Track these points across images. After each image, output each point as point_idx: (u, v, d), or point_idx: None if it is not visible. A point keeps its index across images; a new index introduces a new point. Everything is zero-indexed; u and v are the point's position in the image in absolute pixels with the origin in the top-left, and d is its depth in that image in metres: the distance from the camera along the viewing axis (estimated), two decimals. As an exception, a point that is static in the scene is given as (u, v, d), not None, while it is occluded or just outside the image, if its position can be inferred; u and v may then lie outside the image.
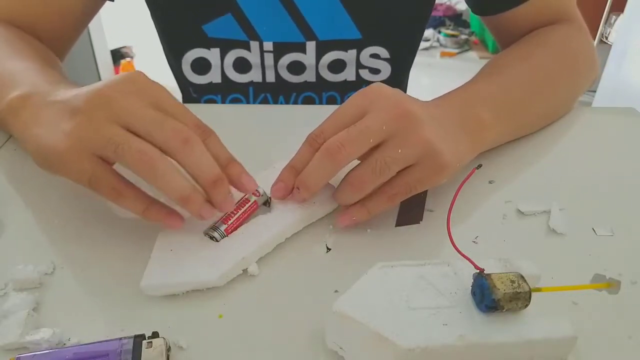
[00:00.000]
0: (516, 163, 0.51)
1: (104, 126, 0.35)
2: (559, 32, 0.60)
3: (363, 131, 0.38)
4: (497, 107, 0.48)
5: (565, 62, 0.57)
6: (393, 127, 0.38)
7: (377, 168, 0.37)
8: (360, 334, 0.29)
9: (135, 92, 0.37)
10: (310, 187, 0.39)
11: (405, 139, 0.38)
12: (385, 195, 0.40)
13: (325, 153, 0.38)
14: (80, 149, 0.36)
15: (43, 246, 0.40)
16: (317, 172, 0.39)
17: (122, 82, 0.37)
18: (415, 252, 0.40)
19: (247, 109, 0.64)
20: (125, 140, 0.34)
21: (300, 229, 0.41)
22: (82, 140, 0.36)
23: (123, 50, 2.71)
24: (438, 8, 3.37)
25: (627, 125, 0.58)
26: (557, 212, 0.43)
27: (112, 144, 0.34)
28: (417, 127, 0.38)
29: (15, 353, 0.30)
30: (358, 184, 0.38)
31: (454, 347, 0.28)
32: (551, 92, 0.55)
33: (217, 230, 0.38)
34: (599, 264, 0.38)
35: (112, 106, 0.36)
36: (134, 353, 0.29)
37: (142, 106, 0.36)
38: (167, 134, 0.35)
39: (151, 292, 0.35)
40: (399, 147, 0.38)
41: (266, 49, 0.66)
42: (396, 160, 0.38)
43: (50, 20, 0.58)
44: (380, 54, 0.67)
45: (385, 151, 0.38)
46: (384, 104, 0.39)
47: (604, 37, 2.17)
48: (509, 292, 0.28)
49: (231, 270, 0.36)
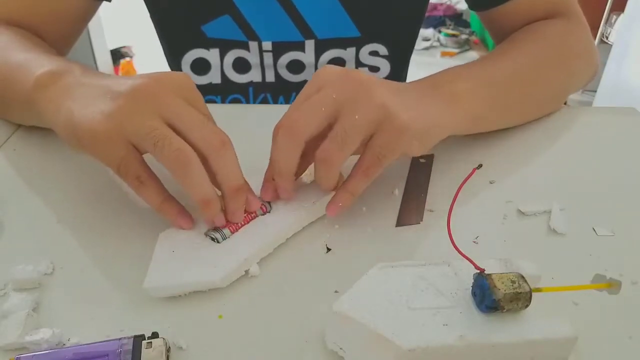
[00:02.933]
0: (516, 163, 0.51)
1: (148, 117, 0.36)
2: (555, 25, 0.59)
3: (314, 102, 0.38)
4: (473, 81, 0.48)
5: (557, 56, 0.57)
6: (344, 95, 0.38)
7: (339, 138, 0.38)
8: (360, 334, 0.29)
9: (177, 91, 0.38)
10: (282, 172, 0.39)
11: (357, 103, 0.38)
12: (359, 171, 0.40)
13: (282, 132, 0.38)
14: (118, 133, 0.36)
15: (43, 246, 0.40)
16: (281, 153, 0.39)
17: (167, 80, 0.38)
18: (415, 252, 0.40)
19: (247, 109, 0.64)
20: (167, 136, 0.35)
21: (300, 229, 0.41)
22: (122, 125, 0.36)
23: (122, 50, 2.71)
24: (438, 8, 3.37)
25: (627, 125, 0.58)
26: (557, 212, 0.43)
27: (152, 137, 0.35)
28: (369, 91, 0.39)
29: (15, 353, 0.30)
30: (327, 158, 0.38)
31: (454, 348, 0.28)
32: (539, 84, 0.55)
33: (219, 231, 0.38)
34: (599, 264, 0.38)
35: (158, 99, 0.36)
36: (134, 353, 0.29)
37: (185, 105, 0.37)
38: (206, 135, 0.36)
39: (154, 293, 0.35)
40: (353, 113, 0.38)
41: (265, 48, 0.66)
42: (354, 127, 0.38)
43: (47, 21, 0.58)
44: (379, 51, 0.67)
45: (343, 121, 0.38)
46: (334, 78, 0.40)
47: (604, 37, 2.17)
48: (509, 293, 0.28)
49: (234, 272, 0.36)
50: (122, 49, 2.71)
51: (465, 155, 0.51)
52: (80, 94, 0.39)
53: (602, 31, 2.17)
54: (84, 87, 0.40)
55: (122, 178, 0.37)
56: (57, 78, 0.41)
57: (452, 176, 0.47)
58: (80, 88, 0.40)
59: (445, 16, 3.36)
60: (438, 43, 3.20)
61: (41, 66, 0.43)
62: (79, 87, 0.40)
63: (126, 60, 2.57)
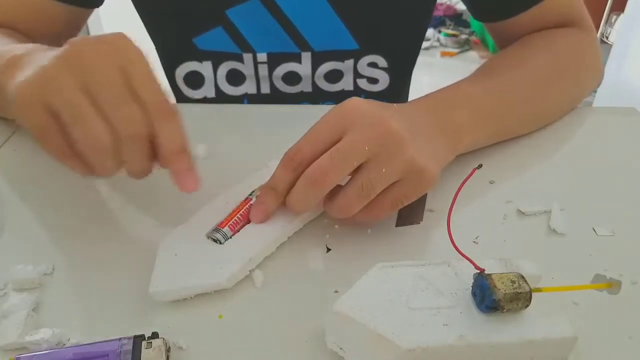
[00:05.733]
0: (516, 163, 0.51)
1: (68, 86, 0.33)
2: (563, 36, 0.58)
3: (346, 156, 0.36)
4: (476, 110, 0.47)
5: (562, 68, 0.56)
6: (375, 147, 0.37)
7: (363, 190, 0.37)
8: (360, 334, 0.29)
9: (110, 52, 0.34)
10: (300, 212, 0.39)
11: (388, 158, 0.37)
12: (371, 213, 0.39)
13: (310, 181, 0.37)
14: (36, 99, 0.33)
15: (43, 246, 0.40)
16: (303, 199, 0.38)
17: (100, 42, 0.34)
18: (415, 252, 0.40)
19: (245, 109, 0.64)
20: (85, 116, 0.32)
21: (302, 226, 0.41)
22: (40, 91, 0.33)
23: (123, 50, 2.71)
24: (438, 8, 3.37)
25: (627, 125, 0.58)
26: (557, 212, 0.43)
27: (69, 111, 0.33)
28: (400, 145, 0.37)
29: (15, 353, 0.30)
30: (345, 207, 0.38)
31: (455, 348, 0.28)
32: (542, 98, 0.54)
33: (220, 232, 0.38)
34: (599, 264, 0.38)
35: (84, 66, 0.33)
36: (134, 353, 0.29)
37: (110, 74, 0.33)
38: (119, 120, 0.33)
39: (160, 297, 0.35)
40: (382, 166, 0.37)
41: (260, 60, 0.64)
42: (381, 180, 0.37)
43: (36, 27, 0.58)
44: (379, 62, 0.66)
45: (369, 172, 0.37)
46: (363, 122, 0.37)
47: (604, 37, 2.17)
48: (509, 293, 0.28)
49: (240, 272, 0.36)
50: (122, 49, 2.71)
51: (465, 155, 0.51)
52: (26, 65, 0.37)
53: (602, 31, 2.17)
54: (31, 58, 0.37)
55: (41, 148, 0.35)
56: (18, 59, 0.39)
57: (452, 176, 0.47)
58: (29, 61, 0.37)
59: (445, 16, 3.36)
60: (438, 43, 3.20)
61: (10, 52, 0.41)
62: (29, 61, 0.37)
63: (126, 60, 2.56)
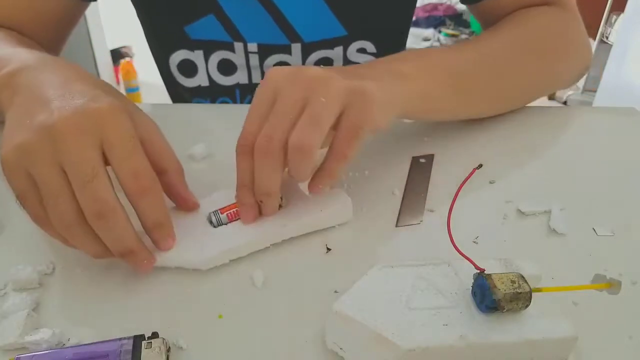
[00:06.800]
0: (516, 163, 0.51)
1: (43, 161, 0.33)
2: (544, 13, 0.58)
3: (280, 112, 0.37)
4: (426, 62, 0.47)
5: (538, 43, 0.55)
6: (307, 90, 0.37)
7: (312, 118, 0.36)
8: (360, 334, 0.29)
9: (92, 130, 0.33)
10: (270, 193, 0.38)
11: (323, 90, 0.37)
12: (336, 152, 0.38)
13: (260, 154, 0.37)
14: (16, 165, 0.34)
15: (43, 246, 0.40)
16: (265, 175, 0.37)
17: (86, 114, 0.34)
18: (415, 252, 0.40)
19: (245, 109, 0.64)
20: (52, 192, 0.33)
21: (298, 235, 0.41)
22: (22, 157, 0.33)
23: (122, 50, 2.71)
24: (438, 8, 3.37)
25: (627, 125, 0.58)
26: (557, 212, 0.43)
27: (42, 184, 0.33)
28: (329, 81, 0.38)
29: (15, 353, 0.30)
30: (301, 144, 0.36)
31: (455, 348, 0.28)
32: (512, 73, 0.53)
33: (217, 215, 0.39)
34: (599, 264, 0.38)
35: (62, 141, 0.33)
36: (134, 353, 0.29)
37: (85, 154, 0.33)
38: (86, 199, 0.33)
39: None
40: (320, 96, 0.37)
41: (251, 50, 0.65)
42: (325, 108, 0.37)
43: (31, 22, 0.57)
44: (367, 48, 0.67)
45: (311, 105, 0.37)
46: (287, 80, 0.38)
47: (604, 37, 2.17)
48: (509, 293, 0.28)
49: (216, 257, 0.37)
50: (122, 49, 2.71)
51: (465, 155, 0.51)
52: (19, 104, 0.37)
53: (602, 31, 2.16)
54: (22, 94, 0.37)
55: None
56: (10, 77, 0.39)
57: (452, 176, 0.47)
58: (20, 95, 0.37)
59: (445, 16, 3.36)
60: (438, 43, 3.20)
61: (8, 63, 0.41)
62: (20, 93, 0.37)
63: (126, 60, 2.56)
